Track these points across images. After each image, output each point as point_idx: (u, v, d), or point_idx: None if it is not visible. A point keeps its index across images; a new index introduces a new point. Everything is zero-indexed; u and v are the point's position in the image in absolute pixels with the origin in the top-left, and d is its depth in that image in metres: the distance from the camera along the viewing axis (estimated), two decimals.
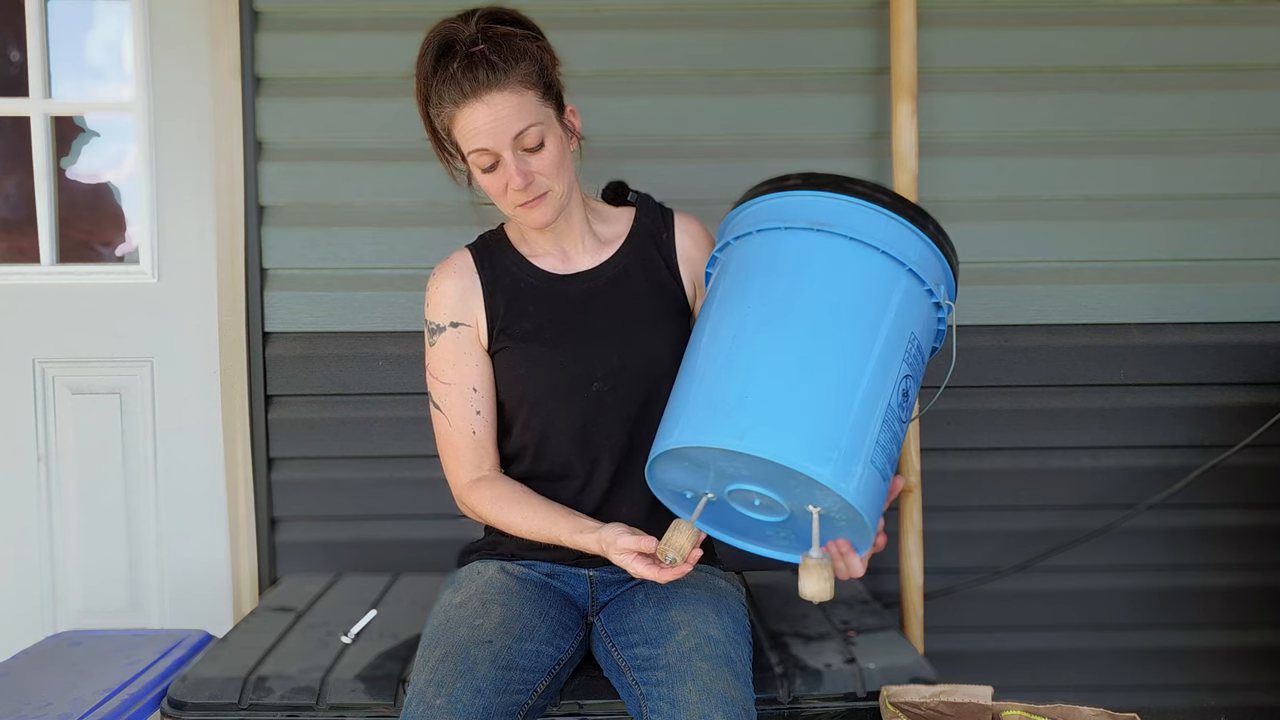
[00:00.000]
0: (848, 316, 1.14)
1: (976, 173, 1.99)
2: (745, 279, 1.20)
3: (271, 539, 2.05)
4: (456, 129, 1.28)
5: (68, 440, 2.13)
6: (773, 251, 1.20)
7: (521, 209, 1.32)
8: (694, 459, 1.15)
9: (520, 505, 1.37)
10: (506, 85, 1.25)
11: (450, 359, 1.42)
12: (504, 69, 1.24)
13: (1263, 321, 2.01)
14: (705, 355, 1.18)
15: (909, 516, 1.94)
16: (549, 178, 1.30)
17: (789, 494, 1.13)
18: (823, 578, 1.13)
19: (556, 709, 1.39)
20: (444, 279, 1.43)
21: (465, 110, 1.26)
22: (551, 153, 1.30)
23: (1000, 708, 1.36)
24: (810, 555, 1.14)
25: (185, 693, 1.45)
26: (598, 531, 1.27)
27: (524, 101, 1.26)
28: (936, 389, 1.45)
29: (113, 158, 2.17)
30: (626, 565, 1.22)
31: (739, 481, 1.15)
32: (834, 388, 1.10)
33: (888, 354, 1.14)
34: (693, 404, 1.15)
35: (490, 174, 1.30)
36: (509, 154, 1.27)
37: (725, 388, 1.13)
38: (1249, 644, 2.08)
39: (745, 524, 1.25)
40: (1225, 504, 2.04)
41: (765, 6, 1.97)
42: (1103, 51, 1.98)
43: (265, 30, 1.96)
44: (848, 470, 1.07)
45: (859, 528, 1.14)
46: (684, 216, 1.49)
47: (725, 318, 1.19)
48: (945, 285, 1.23)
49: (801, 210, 1.21)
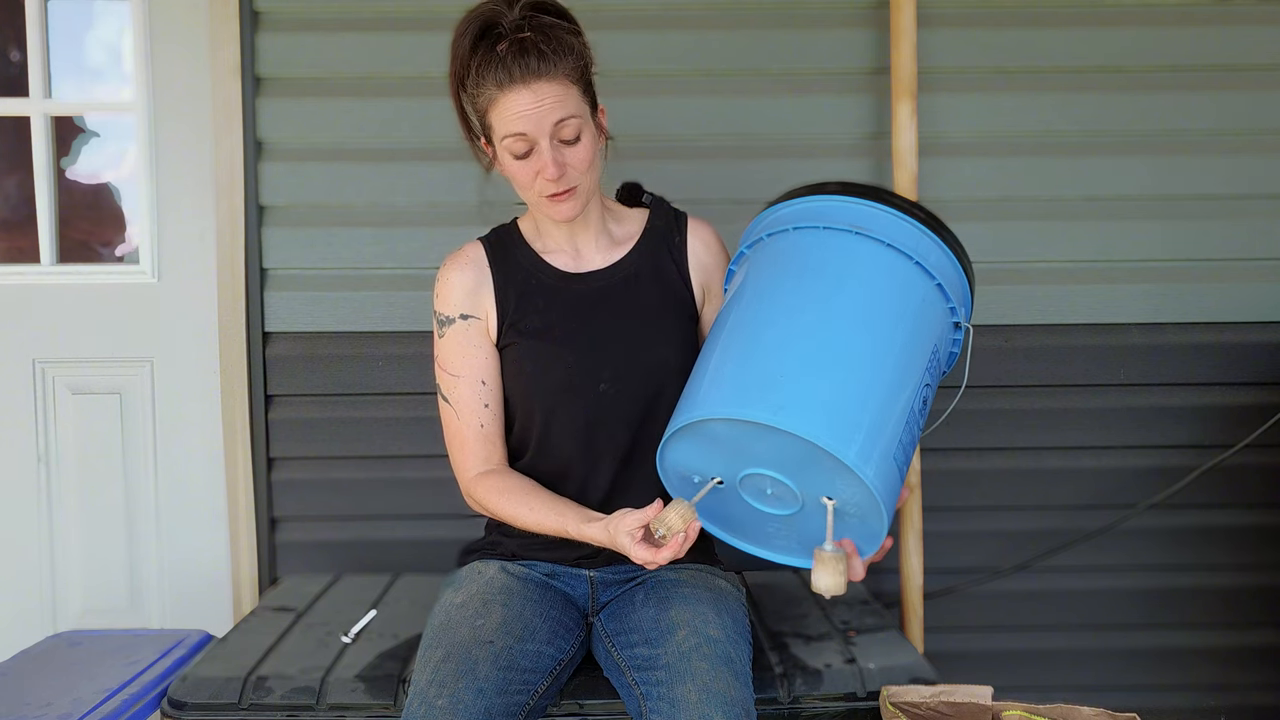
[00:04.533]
0: (882, 315, 1.17)
1: (976, 173, 1.99)
2: (781, 270, 1.23)
3: (271, 539, 2.05)
4: (495, 111, 1.27)
5: (68, 440, 2.13)
6: (808, 247, 1.23)
7: (549, 200, 1.32)
8: (714, 437, 1.15)
9: (528, 498, 1.36)
10: (555, 76, 1.25)
11: (459, 351, 1.41)
12: (554, 59, 1.25)
13: (1263, 321, 2.01)
14: (737, 336, 1.20)
15: (909, 516, 1.94)
16: (580, 172, 1.30)
17: (806, 482, 1.14)
18: (837, 571, 1.14)
19: (557, 709, 1.39)
20: (455, 270, 1.43)
21: (510, 94, 1.25)
22: (586, 147, 1.30)
23: (1000, 708, 1.36)
24: (824, 549, 1.14)
25: (185, 693, 1.44)
26: (604, 520, 1.26)
27: (568, 94, 1.27)
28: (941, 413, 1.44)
29: (113, 158, 2.17)
30: (629, 550, 1.20)
31: (756, 465, 1.15)
32: (864, 378, 1.13)
33: (914, 357, 1.17)
34: (724, 379, 1.16)
35: (523, 160, 1.29)
36: (546, 142, 1.27)
37: (760, 366, 1.14)
38: (1249, 644, 2.08)
39: (748, 521, 1.25)
40: (1225, 504, 2.04)
41: (765, 6, 1.97)
42: (1103, 51, 1.98)
43: (265, 30, 1.96)
44: (869, 456, 1.09)
45: (870, 522, 1.15)
46: (697, 221, 1.49)
47: (759, 303, 1.21)
48: (964, 307, 1.27)
49: (840, 214, 1.24)
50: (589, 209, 1.41)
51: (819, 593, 1.14)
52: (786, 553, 1.26)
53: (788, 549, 1.26)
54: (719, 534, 1.30)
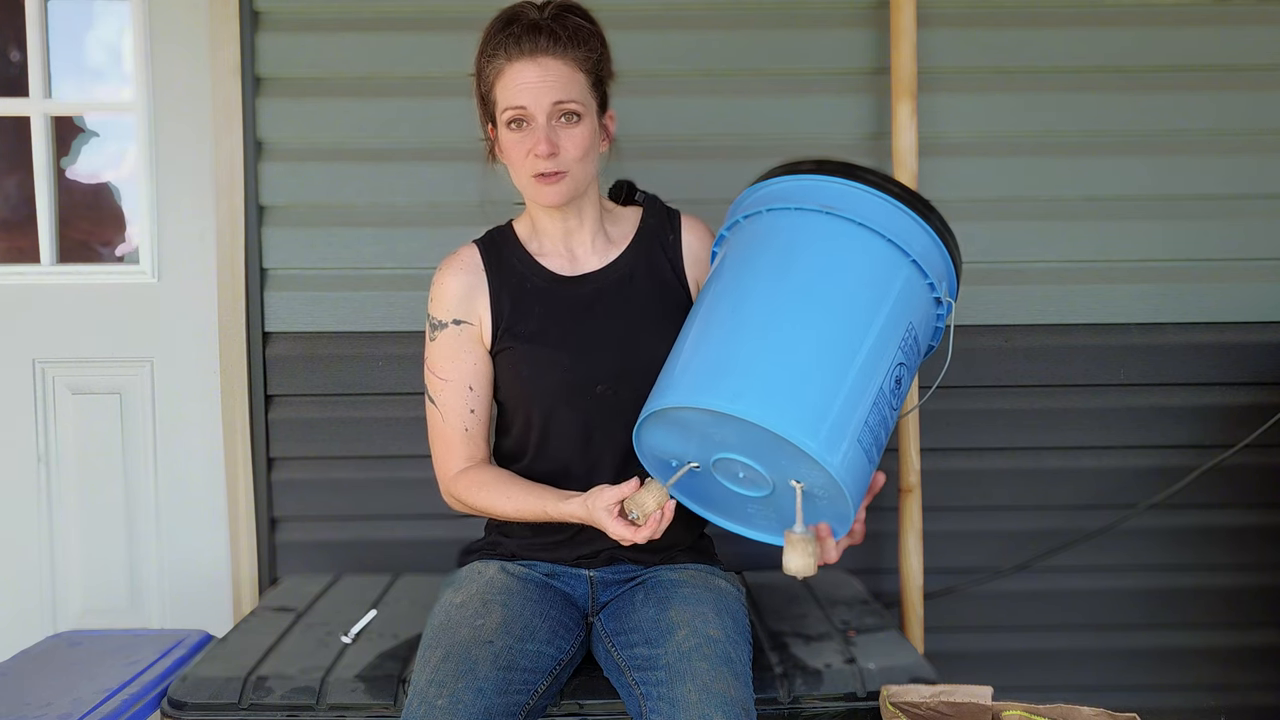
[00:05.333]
0: (847, 296, 1.16)
1: (976, 173, 1.99)
2: (750, 254, 1.22)
3: (271, 539, 2.05)
4: (500, 83, 1.31)
5: (68, 440, 2.13)
6: (779, 230, 1.23)
7: (536, 180, 1.32)
8: (684, 423, 1.16)
9: (505, 488, 1.36)
10: (563, 57, 1.29)
11: (449, 356, 1.42)
12: (566, 43, 1.29)
13: (1263, 321, 2.01)
14: (703, 322, 1.20)
15: (909, 516, 1.94)
16: (574, 158, 1.31)
17: (774, 466, 1.14)
18: (806, 553, 1.15)
19: (557, 709, 1.39)
20: (450, 275, 1.43)
21: (515, 65, 1.29)
22: (583, 134, 1.31)
23: (1000, 708, 1.36)
24: (794, 531, 1.15)
25: (185, 693, 1.44)
26: (582, 496, 1.26)
27: (574, 78, 1.30)
28: (928, 389, 1.45)
29: (113, 158, 2.17)
30: (607, 525, 1.22)
31: (726, 450, 1.15)
32: (828, 362, 1.12)
33: (884, 338, 1.15)
34: (687, 367, 1.16)
35: (518, 134, 1.31)
36: (543, 119, 1.29)
37: (721, 352, 1.14)
38: (1249, 644, 2.08)
39: (728, 499, 1.25)
40: (1225, 504, 2.04)
41: (765, 6, 1.97)
42: (1103, 51, 1.98)
43: (265, 30, 1.96)
44: (834, 444, 1.08)
45: (840, 506, 1.14)
46: (690, 218, 1.49)
47: (727, 288, 1.21)
48: (947, 282, 1.25)
49: (812, 193, 1.23)
50: (585, 211, 1.41)
51: (790, 574, 1.16)
52: (768, 532, 1.27)
53: (769, 528, 1.26)
54: (703, 513, 1.30)
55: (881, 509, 1.98)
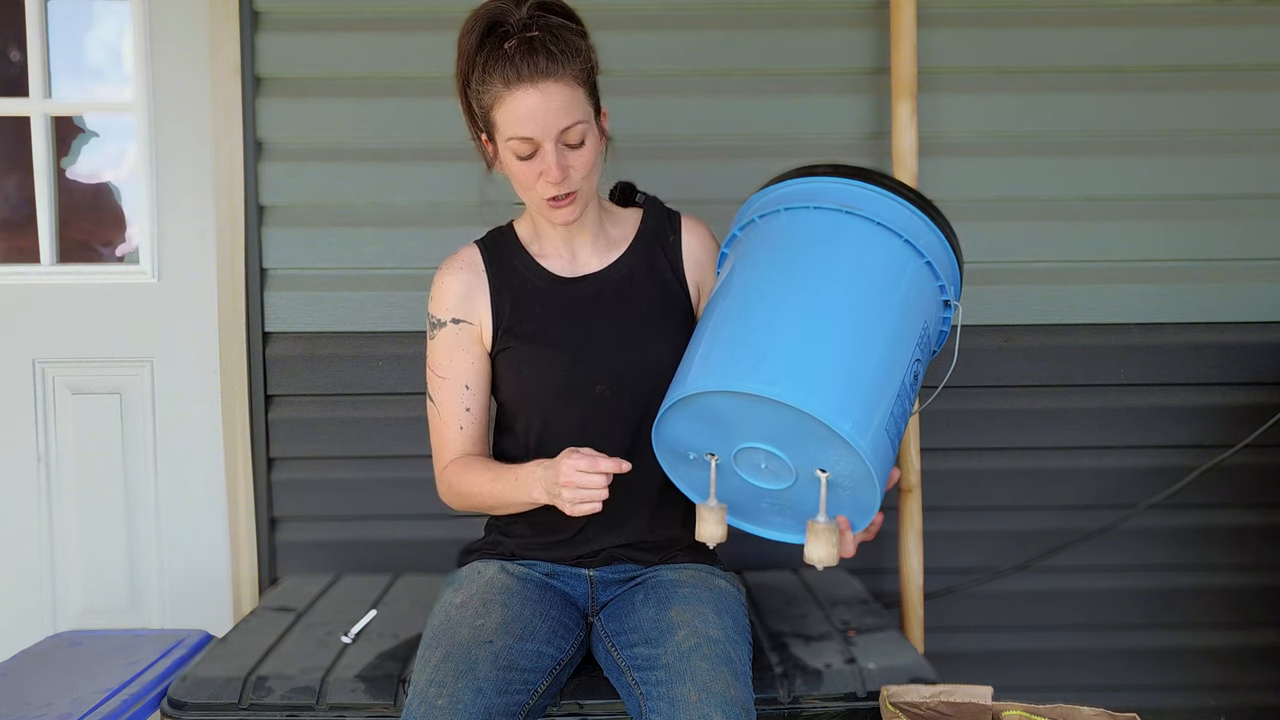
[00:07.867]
0: (872, 291, 1.19)
1: (976, 173, 1.99)
2: (773, 249, 1.24)
3: (271, 539, 2.05)
4: (501, 110, 1.27)
5: (68, 440, 2.13)
6: (801, 227, 1.25)
7: (549, 204, 1.32)
8: (711, 412, 1.16)
9: (487, 469, 1.38)
10: (563, 78, 1.25)
11: (447, 354, 1.42)
12: (562, 60, 1.24)
13: (1263, 321, 2.01)
14: (729, 312, 1.21)
15: (909, 516, 1.94)
16: (582, 176, 1.30)
17: (800, 454, 1.15)
18: (830, 543, 1.16)
19: (557, 709, 1.39)
20: (450, 274, 1.43)
21: (517, 93, 1.24)
22: (590, 152, 1.30)
23: (1000, 708, 1.36)
24: (818, 520, 1.16)
25: (185, 693, 1.44)
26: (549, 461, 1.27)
27: (575, 97, 1.27)
28: (934, 389, 1.45)
29: (113, 158, 2.17)
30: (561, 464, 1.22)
31: (751, 439, 1.16)
32: (857, 352, 1.14)
33: (905, 332, 1.19)
34: (719, 355, 1.17)
35: (526, 162, 1.29)
36: (550, 145, 1.26)
37: (755, 340, 1.15)
38: (1249, 644, 2.08)
39: (743, 499, 1.26)
40: (1225, 504, 2.04)
41: (765, 6, 1.97)
42: (1103, 51, 1.98)
43: (265, 30, 1.96)
44: (864, 428, 1.10)
45: (863, 494, 1.16)
46: (690, 219, 1.49)
47: (751, 281, 1.22)
48: (954, 285, 1.28)
49: (830, 194, 1.26)
50: (586, 213, 1.41)
51: (811, 563, 1.17)
52: (780, 529, 1.28)
53: (782, 525, 1.28)
54: None
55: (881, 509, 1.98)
